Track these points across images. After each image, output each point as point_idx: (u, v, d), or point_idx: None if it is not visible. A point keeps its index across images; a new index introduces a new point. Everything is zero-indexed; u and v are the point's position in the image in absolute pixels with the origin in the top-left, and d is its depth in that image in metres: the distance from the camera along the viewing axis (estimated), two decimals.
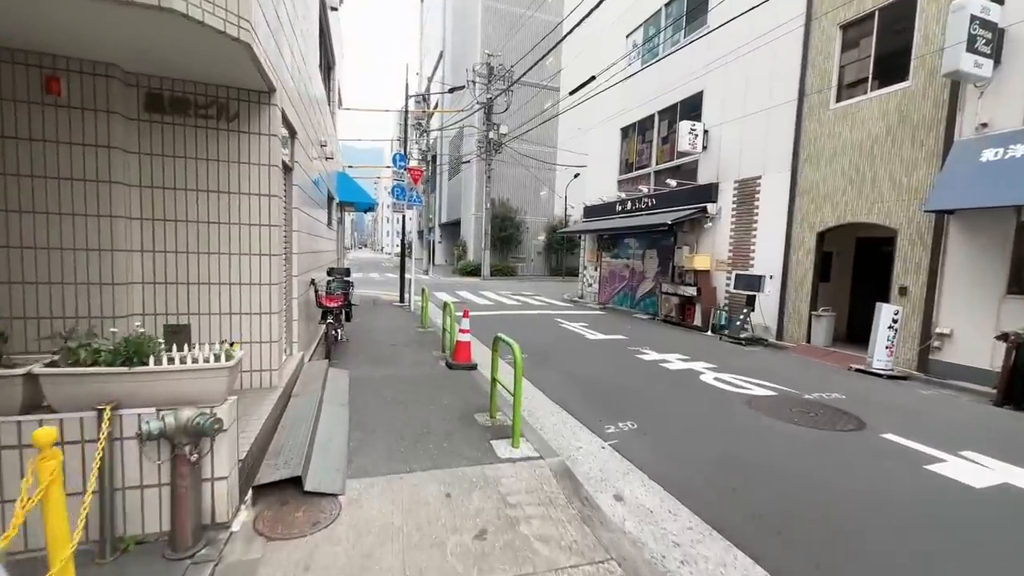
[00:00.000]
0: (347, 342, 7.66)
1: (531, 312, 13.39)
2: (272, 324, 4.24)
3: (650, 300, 13.82)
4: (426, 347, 7.73)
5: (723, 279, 11.11)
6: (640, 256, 14.41)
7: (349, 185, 12.73)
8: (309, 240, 6.51)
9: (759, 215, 10.16)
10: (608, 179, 16.24)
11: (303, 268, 5.96)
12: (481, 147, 28.22)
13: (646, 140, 14.41)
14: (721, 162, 11.23)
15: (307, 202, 6.31)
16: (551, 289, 22.21)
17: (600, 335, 9.77)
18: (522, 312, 13.28)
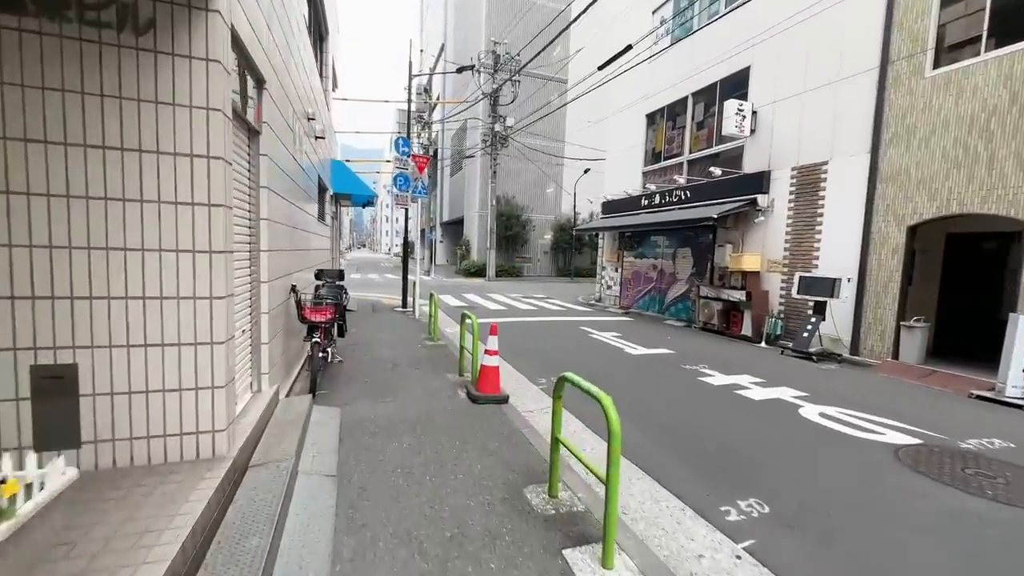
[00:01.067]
0: (340, 363, 6.13)
1: (550, 319, 11.88)
2: (217, 361, 2.72)
3: (683, 305, 12.32)
4: (438, 368, 6.22)
5: (777, 282, 9.61)
6: (670, 255, 12.91)
7: (345, 175, 11.21)
8: (290, 235, 5.00)
9: (825, 207, 8.66)
10: (631, 171, 14.74)
11: (279, 271, 4.45)
12: (486, 141, 26.70)
13: (677, 126, 12.91)
14: (774, 147, 9.73)
15: (288, 186, 4.80)
16: (562, 291, 20.71)
17: (641, 349, 8.26)
18: (540, 319, 11.77)
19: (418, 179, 10.39)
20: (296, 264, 5.62)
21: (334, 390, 5.05)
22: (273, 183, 4.07)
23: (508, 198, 29.62)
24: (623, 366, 7.04)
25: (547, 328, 10.44)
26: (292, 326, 5.04)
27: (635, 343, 8.76)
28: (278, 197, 4.32)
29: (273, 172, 4.06)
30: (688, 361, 7.37)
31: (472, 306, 13.78)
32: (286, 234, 4.73)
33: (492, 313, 12.42)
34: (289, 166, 4.86)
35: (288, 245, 4.90)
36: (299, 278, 5.89)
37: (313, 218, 7.61)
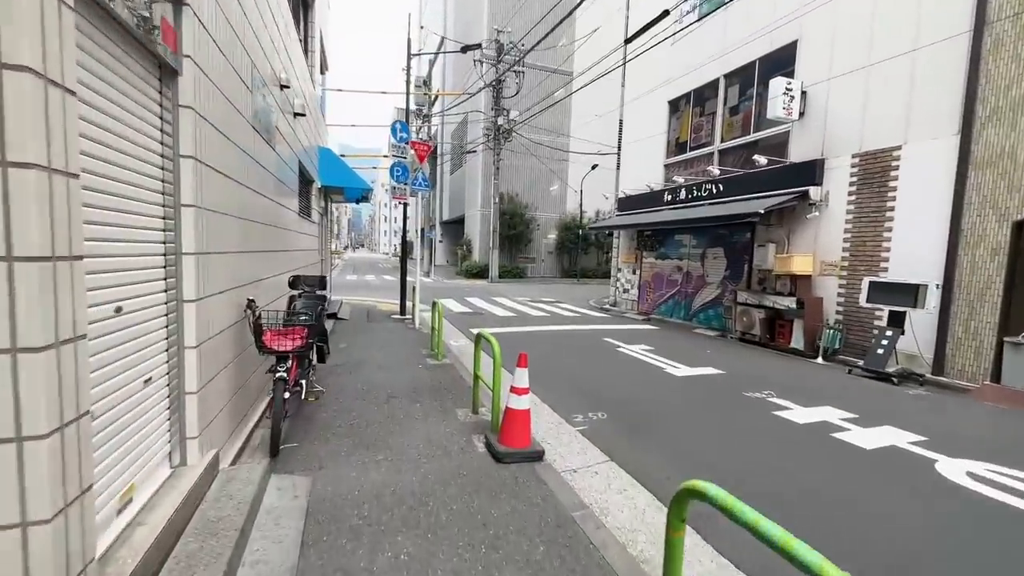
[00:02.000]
0: (317, 399, 4.81)
1: (567, 327, 10.57)
2: (31, 473, 1.40)
3: (714, 311, 11.03)
4: (445, 400, 4.91)
5: (833, 287, 8.32)
6: (698, 256, 11.61)
7: (336, 166, 9.89)
8: (246, 232, 3.69)
9: (896, 200, 7.37)
10: (651, 164, 13.44)
11: (224, 282, 3.14)
12: (488, 135, 25.40)
13: (706, 113, 11.61)
14: (829, 132, 8.44)
15: (240, 164, 3.49)
16: (570, 293, 19.41)
17: (684, 368, 6.96)
18: (557, 328, 10.46)
19: (418, 170, 9.08)
20: (263, 269, 4.31)
21: (307, 440, 3.74)
22: (208, 154, 2.75)
23: (511, 196, 28.31)
24: (672, 394, 5.73)
25: (567, 339, 9.13)
26: (250, 357, 3.72)
27: (673, 359, 7.46)
28: (220, 177, 3.01)
29: (207, 138, 2.75)
30: (747, 385, 6.07)
31: (478, 312, 12.47)
32: (236, 231, 3.41)
33: (501, 320, 11.11)
34: (242, 137, 3.55)
35: (242, 244, 3.59)
36: (270, 287, 4.59)
37: (293, 213, 6.30)
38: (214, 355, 2.93)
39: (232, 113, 3.26)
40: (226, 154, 3.12)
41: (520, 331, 9.80)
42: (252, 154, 3.89)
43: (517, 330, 9.89)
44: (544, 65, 27.68)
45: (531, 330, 9.99)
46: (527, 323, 10.91)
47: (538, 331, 9.92)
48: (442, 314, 6.73)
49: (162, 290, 2.46)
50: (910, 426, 4.68)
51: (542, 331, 9.94)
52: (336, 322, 9.62)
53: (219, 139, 2.97)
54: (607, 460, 3.77)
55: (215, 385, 2.93)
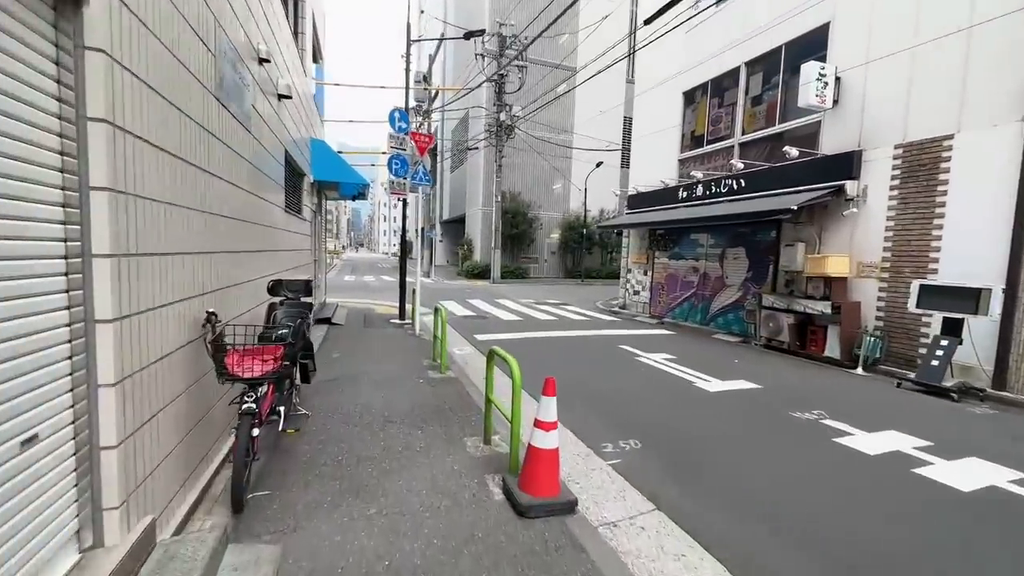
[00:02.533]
0: (298, 430, 4.09)
1: (578, 333, 9.86)
2: None
3: (734, 315, 10.32)
4: (451, 425, 4.20)
5: (872, 290, 7.61)
6: (716, 257, 10.90)
7: (330, 159, 9.18)
8: (207, 227, 2.98)
9: (948, 194, 6.67)
10: (664, 159, 12.73)
11: (171, 291, 2.43)
12: (491, 131, 24.67)
13: (725, 104, 10.90)
14: (867, 120, 7.74)
15: (199, 144, 2.79)
16: (575, 294, 18.70)
17: (715, 381, 6.24)
18: (567, 334, 9.74)
19: (419, 163, 8.37)
20: (235, 273, 3.60)
21: (283, 486, 3.02)
22: (136, 120, 2.04)
23: (514, 194, 27.59)
24: (710, 415, 5.02)
25: (580, 347, 8.41)
26: (213, 383, 3.00)
27: (700, 371, 6.75)
28: (161, 155, 2.30)
29: (135, 98, 2.04)
30: (791, 403, 5.35)
31: (482, 316, 11.76)
32: (190, 227, 2.70)
33: (507, 325, 10.40)
34: (199, 109, 2.84)
35: (202, 244, 2.88)
36: (246, 295, 3.87)
37: (278, 209, 5.60)
38: (149, 391, 2.21)
39: (180, 73, 2.54)
40: (170, 125, 2.41)
41: (528, 337, 9.08)
42: (218, 134, 3.18)
43: (525, 336, 9.17)
44: (547, 60, 26.98)
45: (540, 336, 9.27)
46: (535, 328, 10.19)
47: (548, 337, 9.20)
48: (445, 320, 6.02)
49: (62, 307, 1.75)
50: (1000, 458, 3.97)
51: (552, 337, 9.23)
52: (330, 328, 8.90)
53: (157, 104, 2.26)
54: (653, 509, 3.06)
55: (150, 431, 2.21)
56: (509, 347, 7.86)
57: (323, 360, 6.35)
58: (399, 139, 8.21)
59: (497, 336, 9.05)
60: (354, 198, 11.33)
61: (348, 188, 10.82)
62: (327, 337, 8.05)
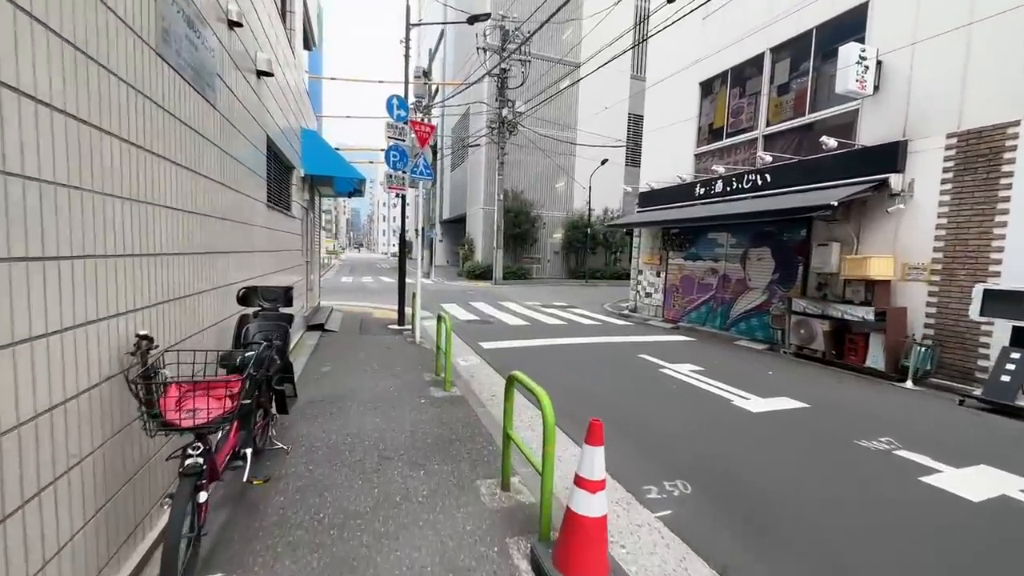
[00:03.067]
0: (268, 480, 3.36)
1: (592, 340, 9.13)
2: None
3: (758, 320, 9.61)
4: (461, 463, 3.47)
5: (920, 295, 6.89)
6: (738, 257, 10.18)
7: (323, 152, 8.45)
8: (145, 222, 2.26)
9: (1014, 187, 5.95)
10: (678, 154, 12.01)
11: (78, 308, 1.70)
12: (493, 128, 23.95)
13: (747, 93, 10.18)
14: (912, 107, 7.02)
15: (132, 111, 2.06)
16: (581, 296, 17.98)
17: (755, 399, 5.52)
18: (580, 341, 9.02)
19: (420, 155, 7.64)
20: (191, 280, 2.88)
21: (242, 566, 2.29)
22: (18, 69, 1.31)
23: (516, 193, 26.86)
24: (762, 445, 4.29)
25: (596, 357, 7.69)
26: (141, 430, 2.26)
27: (734, 385, 6.03)
28: (53, 116, 1.57)
29: (20, 33, 1.31)
30: (851, 428, 4.63)
31: (486, 320, 11.03)
32: (88, 215, 1.98)
33: (514, 331, 9.67)
34: (128, 65, 2.12)
35: (133, 244, 2.16)
36: (208, 307, 3.15)
37: (259, 204, 4.88)
38: (39, 450, 1.48)
39: (99, 15, 1.82)
40: (69, 76, 1.68)
41: (539, 345, 8.36)
42: (163, 102, 2.46)
43: (535, 344, 8.45)
44: (550, 56, 26.27)
45: (551, 344, 8.54)
46: (544, 334, 9.46)
47: (560, 345, 8.48)
48: (450, 331, 5.29)
49: None
50: None
51: (564, 345, 8.50)
52: (323, 335, 8.18)
53: (45, 40, 1.53)
54: None
55: (43, 504, 1.49)
56: (519, 357, 7.13)
57: (311, 375, 5.62)
58: (398, 128, 7.48)
59: (505, 344, 8.33)
60: (350, 195, 10.61)
61: (343, 184, 10.09)
62: (318, 346, 7.32)
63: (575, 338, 9.18)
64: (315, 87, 28.60)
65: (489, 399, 5.26)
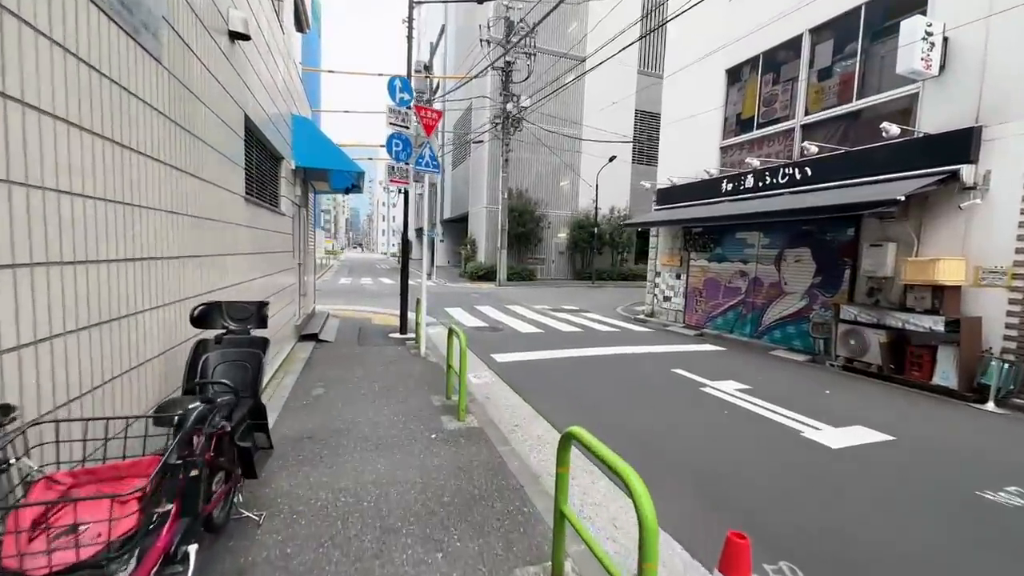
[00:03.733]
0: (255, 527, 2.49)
1: (614, 351, 8.26)
2: None
3: (796, 328, 8.74)
4: (489, 538, 2.60)
5: (998, 303, 6.04)
6: (772, 258, 9.32)
7: (317, 143, 7.57)
8: (17, 214, 1.38)
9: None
10: (701, 147, 11.15)
11: None
12: (497, 123, 23.09)
13: (781, 79, 9.32)
14: (988, 89, 6.16)
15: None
16: (591, 299, 17.11)
17: (828, 429, 4.65)
18: (602, 352, 8.15)
19: (425, 144, 6.77)
20: (129, 293, 2.03)
21: None
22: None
23: (520, 191, 25.98)
24: (863, 497, 3.42)
25: (624, 372, 6.83)
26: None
27: (793, 409, 5.17)
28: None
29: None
30: (959, 470, 3.78)
31: (495, 327, 10.16)
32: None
33: (528, 340, 8.79)
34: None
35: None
36: (145, 333, 2.29)
37: (237, 197, 4.02)
38: None
39: None
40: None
41: (558, 358, 7.49)
42: (54, 34, 1.59)
43: (554, 356, 7.58)
44: (555, 50, 25.40)
45: (572, 355, 7.68)
46: (560, 343, 8.60)
47: (581, 357, 7.61)
48: (465, 351, 4.41)
49: None
50: None
51: (586, 357, 7.64)
52: (316, 347, 7.31)
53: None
54: None
55: None
56: (538, 372, 6.24)
57: (299, 400, 4.75)
58: (401, 114, 6.61)
59: (520, 356, 7.46)
60: (347, 191, 9.73)
61: (340, 179, 9.22)
62: (311, 361, 6.45)
63: (596, 348, 8.31)
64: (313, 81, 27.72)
65: (511, 430, 4.40)
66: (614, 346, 8.59)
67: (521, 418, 4.75)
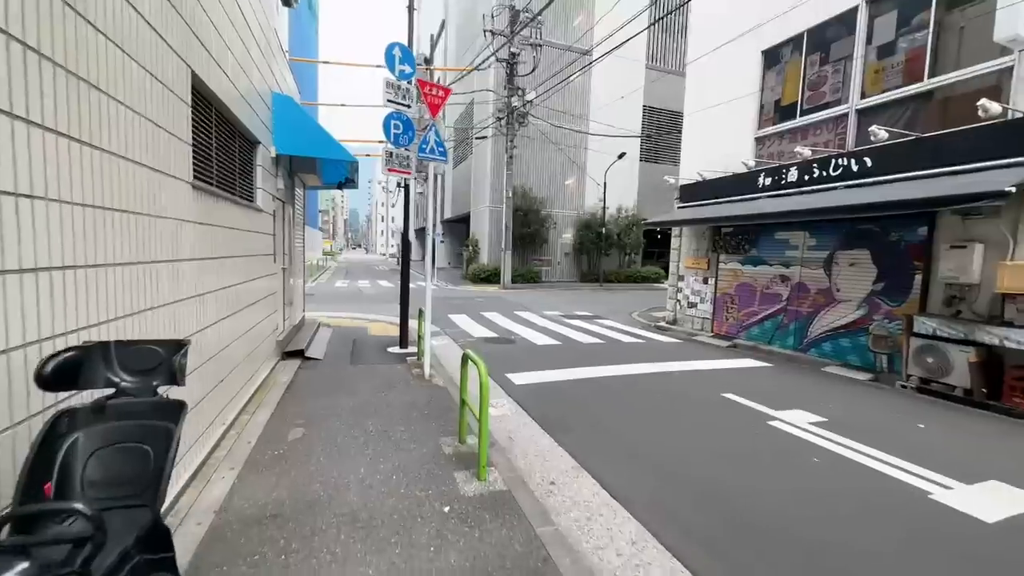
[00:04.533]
0: None
1: (648, 369, 7.17)
2: None
3: (851, 341, 7.67)
4: None
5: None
6: (820, 262, 8.24)
7: (304, 127, 6.47)
8: None
9: None
10: (731, 138, 10.09)
11: None
12: (501, 118, 22.02)
13: (831, 59, 8.26)
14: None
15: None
16: (602, 303, 16.02)
17: (966, 491, 3.56)
18: (634, 370, 7.06)
19: (430, 127, 5.68)
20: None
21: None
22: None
23: (525, 190, 24.88)
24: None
25: (664, 396, 5.74)
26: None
27: (894, 453, 4.09)
28: None
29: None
30: None
31: (507, 338, 9.07)
32: None
33: (544, 354, 7.70)
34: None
35: None
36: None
37: (176, 183, 2.94)
38: None
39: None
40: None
41: (584, 378, 6.41)
42: None
43: (578, 376, 6.50)
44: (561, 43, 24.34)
45: (599, 375, 6.59)
46: (584, 359, 7.51)
47: (610, 378, 6.53)
48: (487, 385, 3.33)
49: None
50: None
51: (616, 377, 6.55)
52: (301, 366, 6.23)
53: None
54: None
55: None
56: (566, 399, 5.05)
57: (270, 447, 3.67)
58: (401, 89, 5.53)
59: (541, 377, 6.38)
60: (340, 185, 8.63)
61: (331, 172, 8.14)
62: (292, 387, 5.37)
63: (625, 366, 7.22)
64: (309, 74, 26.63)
65: (548, 492, 3.33)
66: (644, 362, 7.51)
67: (558, 471, 3.68)
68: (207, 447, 3.47)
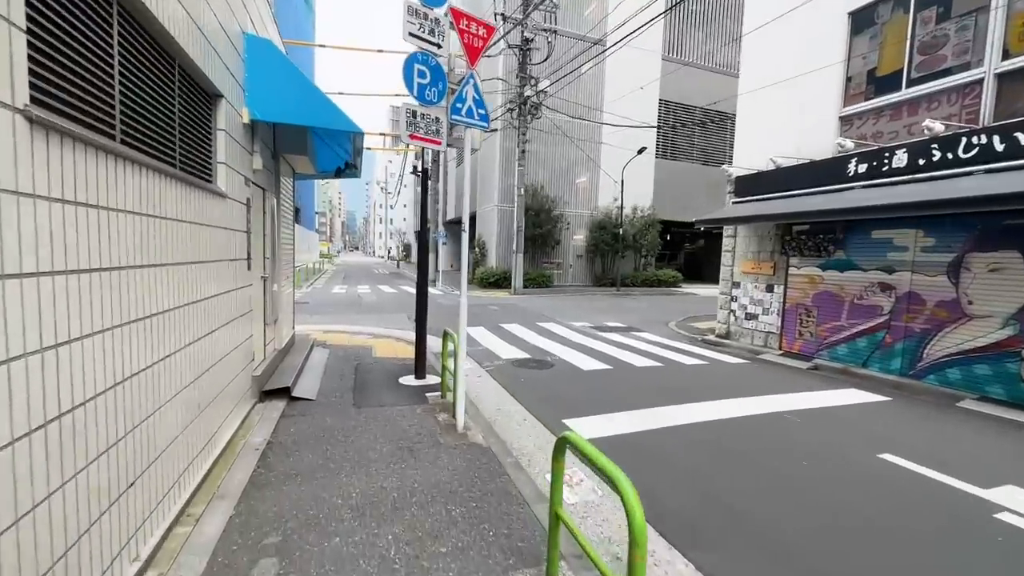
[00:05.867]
0: None
1: (744, 406, 5.47)
2: None
3: (992, 368, 6.00)
4: None
5: None
6: (944, 267, 6.57)
7: (291, 83, 4.71)
8: None
9: None
10: (807, 119, 8.45)
11: None
12: (512, 110, 20.38)
13: (952, 14, 6.63)
14: None
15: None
16: (626, 310, 14.34)
17: None
18: (728, 412, 5.35)
19: (468, 80, 3.98)
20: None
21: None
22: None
23: (536, 188, 23.21)
24: None
25: (799, 459, 4.04)
26: None
27: None
28: None
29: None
30: None
31: (541, 359, 7.35)
32: None
33: (600, 385, 5.99)
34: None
35: None
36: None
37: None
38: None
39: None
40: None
41: (674, 426, 4.70)
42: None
43: (665, 425, 4.79)
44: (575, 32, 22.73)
45: (689, 418, 4.89)
46: (652, 393, 5.81)
47: (708, 424, 4.82)
48: (561, 466, 1.67)
49: None
50: None
51: (715, 423, 4.85)
52: (286, 412, 4.52)
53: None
54: None
55: None
56: (661, 467, 3.26)
57: (242, 550, 1.94)
58: (428, 21, 3.84)
59: (612, 426, 4.68)
60: (338, 172, 6.91)
61: (327, 154, 6.45)
62: (268, 454, 3.65)
63: (711, 403, 5.52)
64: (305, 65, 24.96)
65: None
66: (732, 397, 5.81)
67: None
68: None
